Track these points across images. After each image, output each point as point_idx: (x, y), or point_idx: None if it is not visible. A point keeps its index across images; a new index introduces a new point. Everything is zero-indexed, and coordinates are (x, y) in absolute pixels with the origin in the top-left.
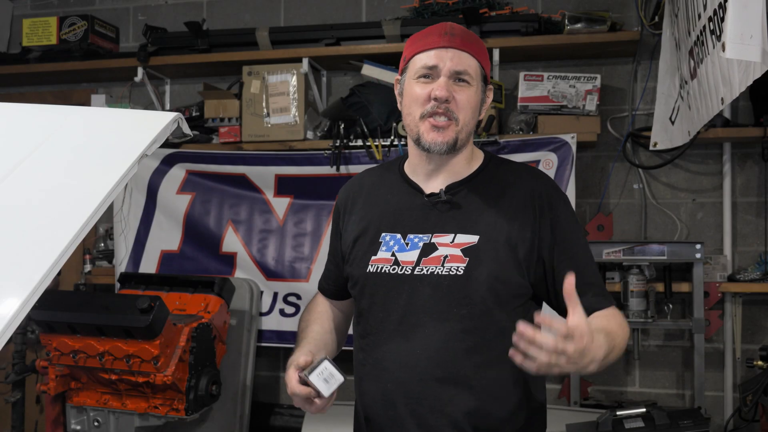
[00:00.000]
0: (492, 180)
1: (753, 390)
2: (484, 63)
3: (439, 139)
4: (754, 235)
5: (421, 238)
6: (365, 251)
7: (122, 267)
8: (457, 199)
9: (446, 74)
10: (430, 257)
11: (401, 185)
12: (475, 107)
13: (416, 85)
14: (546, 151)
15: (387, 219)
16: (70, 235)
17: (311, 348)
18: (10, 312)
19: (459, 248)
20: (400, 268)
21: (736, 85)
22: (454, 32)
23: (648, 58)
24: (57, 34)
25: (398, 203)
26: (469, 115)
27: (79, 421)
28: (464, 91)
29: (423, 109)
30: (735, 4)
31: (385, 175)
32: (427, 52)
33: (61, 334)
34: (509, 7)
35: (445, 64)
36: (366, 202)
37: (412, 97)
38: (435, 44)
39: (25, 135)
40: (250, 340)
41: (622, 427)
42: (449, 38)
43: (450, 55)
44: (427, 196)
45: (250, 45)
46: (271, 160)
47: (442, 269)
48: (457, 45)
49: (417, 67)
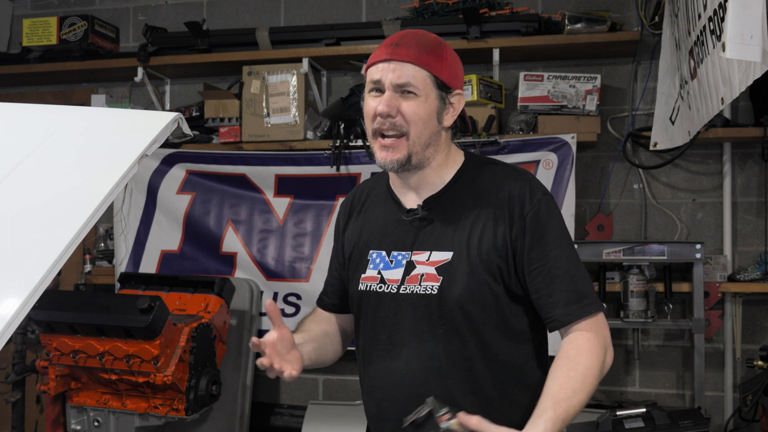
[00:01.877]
0: (469, 187)
1: (753, 390)
2: (439, 71)
3: (389, 158)
4: (754, 235)
5: (404, 255)
6: (356, 268)
7: (122, 267)
8: (432, 214)
9: (389, 87)
10: (411, 275)
11: (386, 199)
12: (426, 118)
13: (368, 98)
14: (546, 151)
15: (374, 235)
16: (70, 235)
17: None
18: (10, 312)
19: (434, 266)
20: (386, 286)
21: (736, 85)
22: (401, 42)
23: (648, 58)
24: (57, 34)
25: (384, 218)
26: (420, 126)
27: (79, 421)
28: (410, 103)
29: (372, 125)
30: (735, 4)
31: (377, 186)
32: (374, 65)
33: (61, 334)
34: (509, 7)
35: (387, 78)
36: (359, 215)
37: (366, 112)
38: (380, 57)
39: (25, 135)
40: (250, 340)
41: (622, 427)
42: (393, 50)
43: (392, 67)
44: (406, 212)
45: (250, 45)
46: (271, 160)
47: (420, 288)
48: (401, 57)
49: (368, 81)
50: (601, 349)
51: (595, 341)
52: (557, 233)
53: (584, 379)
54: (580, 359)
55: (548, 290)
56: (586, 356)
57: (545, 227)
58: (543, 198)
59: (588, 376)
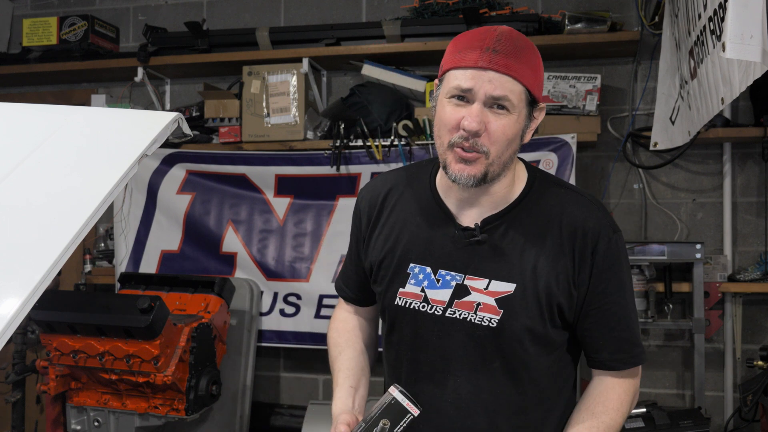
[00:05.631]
0: (533, 211)
1: (753, 390)
2: (533, 84)
3: (466, 173)
4: (754, 235)
5: (453, 276)
6: (392, 279)
7: (122, 267)
8: (493, 238)
9: (481, 100)
10: (463, 300)
11: (433, 207)
12: (512, 138)
13: (448, 105)
14: (546, 151)
15: (417, 248)
16: (70, 235)
17: (351, 383)
18: (10, 312)
19: (493, 297)
20: (430, 306)
21: (736, 85)
22: (498, 48)
23: (648, 58)
24: (57, 34)
25: (429, 230)
26: (503, 147)
27: (79, 421)
28: (500, 121)
29: (451, 137)
30: (735, 4)
31: (415, 184)
32: (463, 70)
33: (61, 334)
34: (509, 7)
35: (480, 89)
36: (393, 214)
37: (442, 120)
38: (473, 62)
39: (25, 135)
40: (250, 340)
41: (622, 427)
42: (490, 56)
43: (489, 77)
44: (462, 229)
45: (250, 45)
46: (271, 160)
47: (475, 317)
48: (500, 67)
49: (451, 86)
50: (630, 404)
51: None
52: (623, 277)
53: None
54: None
55: (601, 332)
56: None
57: (612, 269)
58: (614, 237)
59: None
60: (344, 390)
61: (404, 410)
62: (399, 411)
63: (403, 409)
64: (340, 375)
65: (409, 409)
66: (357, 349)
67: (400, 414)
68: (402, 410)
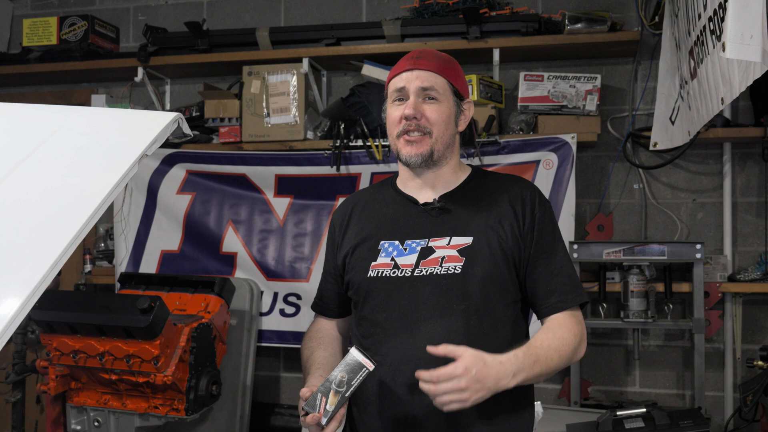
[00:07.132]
0: (480, 188)
1: (753, 390)
2: (455, 80)
3: (414, 152)
4: (754, 235)
5: (418, 243)
6: (364, 258)
7: (122, 267)
8: (449, 206)
9: (414, 93)
10: (428, 259)
11: (396, 198)
12: (447, 120)
13: (392, 107)
14: (546, 151)
15: (385, 228)
16: (70, 235)
17: (322, 373)
18: (10, 312)
19: (455, 249)
20: (399, 270)
21: (736, 85)
22: (421, 56)
23: (648, 58)
24: (57, 34)
25: (394, 213)
26: (442, 128)
27: (79, 421)
28: (432, 107)
29: (398, 128)
30: (735, 4)
31: (378, 192)
32: (398, 76)
33: (61, 334)
34: (509, 7)
35: (411, 84)
36: (362, 216)
37: (390, 120)
38: (403, 68)
39: (25, 135)
40: (250, 340)
41: (622, 427)
42: (414, 61)
43: (416, 74)
44: (422, 204)
45: (250, 45)
46: (271, 160)
47: (440, 269)
48: (422, 66)
49: (391, 91)
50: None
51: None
52: (557, 233)
53: (560, 345)
54: (560, 331)
55: (548, 279)
56: (566, 331)
57: (548, 225)
58: (546, 201)
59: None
60: (315, 378)
61: (360, 365)
62: (356, 365)
63: (359, 364)
64: (312, 368)
65: (365, 364)
66: (328, 350)
67: (357, 368)
68: (358, 364)
